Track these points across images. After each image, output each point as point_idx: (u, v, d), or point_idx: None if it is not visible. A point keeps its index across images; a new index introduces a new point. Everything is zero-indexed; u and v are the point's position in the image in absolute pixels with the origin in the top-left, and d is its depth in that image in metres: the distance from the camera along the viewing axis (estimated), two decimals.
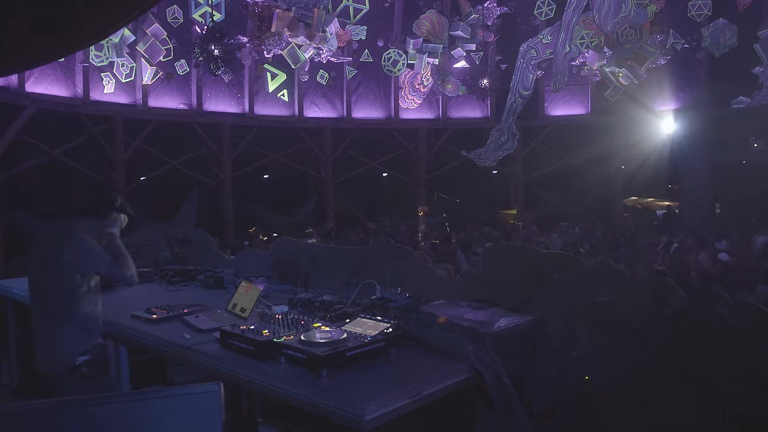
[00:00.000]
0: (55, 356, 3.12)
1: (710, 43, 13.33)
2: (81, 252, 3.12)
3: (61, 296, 3.13)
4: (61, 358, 3.09)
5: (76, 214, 3.29)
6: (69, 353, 3.08)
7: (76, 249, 3.12)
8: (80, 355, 3.08)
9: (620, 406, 2.80)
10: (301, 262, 4.33)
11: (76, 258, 3.11)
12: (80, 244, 3.13)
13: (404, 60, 14.88)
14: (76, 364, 3.07)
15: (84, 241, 3.14)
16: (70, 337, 3.11)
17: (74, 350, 3.08)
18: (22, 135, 10.98)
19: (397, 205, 17.15)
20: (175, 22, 12.83)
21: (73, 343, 3.10)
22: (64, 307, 3.12)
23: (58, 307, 3.13)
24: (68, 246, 3.12)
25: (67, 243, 3.13)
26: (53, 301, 3.15)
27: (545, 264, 3.17)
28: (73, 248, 3.12)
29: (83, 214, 3.28)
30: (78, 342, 3.11)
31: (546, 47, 14.83)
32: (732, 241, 10.26)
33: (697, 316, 2.71)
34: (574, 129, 15.23)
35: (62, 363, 3.09)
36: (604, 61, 14.26)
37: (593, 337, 2.91)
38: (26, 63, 3.07)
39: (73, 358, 3.07)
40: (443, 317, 2.81)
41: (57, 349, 3.12)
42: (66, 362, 3.08)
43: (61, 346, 3.11)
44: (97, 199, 3.37)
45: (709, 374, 2.59)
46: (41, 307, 3.22)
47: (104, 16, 1.81)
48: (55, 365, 3.12)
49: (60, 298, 3.13)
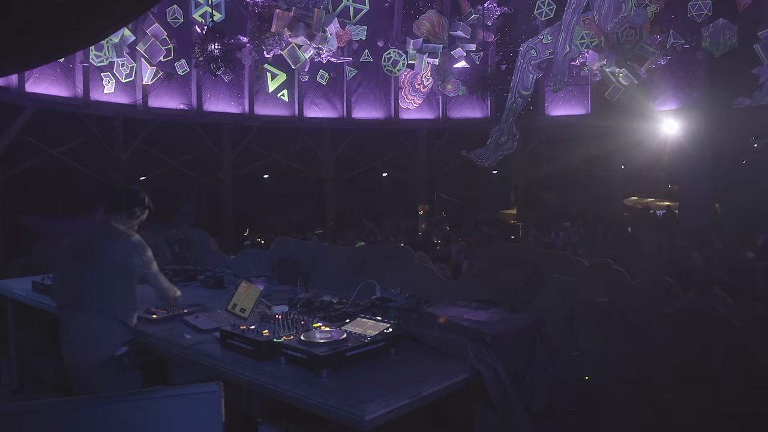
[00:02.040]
0: (91, 348, 3.16)
1: (710, 43, 13.32)
2: (132, 251, 3.23)
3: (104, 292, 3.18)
4: (99, 350, 3.14)
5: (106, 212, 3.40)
6: (109, 345, 3.13)
7: (126, 248, 3.22)
8: (120, 346, 3.14)
9: (620, 406, 2.80)
10: (301, 262, 4.33)
11: (126, 257, 3.21)
12: (130, 244, 3.24)
13: (404, 60, 14.88)
14: (117, 355, 3.12)
15: (133, 241, 3.26)
16: (111, 330, 3.16)
17: (115, 341, 3.15)
18: (22, 135, 10.98)
19: (397, 205, 17.15)
20: (175, 22, 12.83)
21: (113, 334, 3.16)
22: (107, 302, 3.17)
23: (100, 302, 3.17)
24: (117, 244, 3.22)
25: (115, 241, 3.23)
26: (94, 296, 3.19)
27: (545, 264, 3.17)
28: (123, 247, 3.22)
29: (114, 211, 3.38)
30: (118, 333, 3.17)
31: (546, 47, 14.82)
32: (730, 241, 10.25)
33: (697, 316, 2.71)
34: (574, 129, 15.22)
35: (100, 354, 3.13)
36: (604, 61, 14.26)
37: (593, 337, 2.91)
38: (26, 63, 3.07)
39: (114, 349, 3.12)
40: (443, 317, 2.81)
41: (96, 341, 3.16)
42: (104, 354, 3.12)
43: (100, 338, 3.16)
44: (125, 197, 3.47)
45: (709, 374, 2.59)
46: (76, 303, 3.25)
47: (104, 16, 1.81)
48: (90, 357, 3.15)
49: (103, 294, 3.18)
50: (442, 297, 3.21)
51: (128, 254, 3.22)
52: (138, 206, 3.44)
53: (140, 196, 3.47)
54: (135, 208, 3.42)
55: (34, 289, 4.42)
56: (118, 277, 3.20)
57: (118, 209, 3.39)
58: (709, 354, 2.61)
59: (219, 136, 14.37)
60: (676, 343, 2.70)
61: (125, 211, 3.39)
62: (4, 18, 1.72)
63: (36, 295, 4.37)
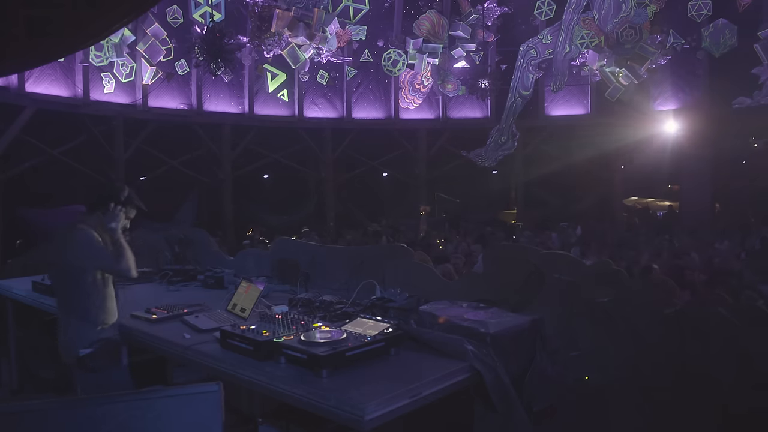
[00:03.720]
0: (65, 349, 3.21)
1: (710, 43, 13.33)
2: (81, 248, 3.15)
3: (69, 292, 3.20)
4: (69, 351, 3.17)
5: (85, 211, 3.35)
6: (73, 346, 3.14)
7: (77, 246, 3.15)
8: (83, 348, 3.12)
9: (620, 406, 2.80)
10: (301, 262, 4.33)
11: (76, 255, 3.15)
12: (80, 241, 3.15)
13: (404, 60, 14.88)
14: (80, 356, 3.10)
15: (83, 238, 3.15)
16: (75, 331, 3.17)
17: (78, 343, 3.13)
18: (22, 135, 10.98)
19: (397, 205, 17.15)
20: (175, 22, 12.84)
21: (77, 336, 3.15)
22: (71, 301, 3.19)
23: (67, 301, 3.22)
24: (70, 243, 3.17)
25: (69, 240, 3.18)
26: (63, 296, 3.25)
27: (545, 264, 3.17)
28: (74, 245, 3.15)
29: (90, 209, 3.32)
30: (82, 335, 3.15)
31: (546, 47, 14.83)
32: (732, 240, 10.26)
33: (696, 316, 2.71)
34: (574, 129, 15.22)
35: (70, 355, 3.17)
36: (604, 61, 14.26)
37: (593, 337, 2.91)
38: (26, 63, 3.07)
39: (77, 351, 3.11)
40: (443, 317, 2.81)
41: (67, 342, 3.19)
42: (71, 355, 3.15)
43: (68, 339, 3.18)
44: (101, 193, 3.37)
45: (709, 374, 2.59)
46: (58, 302, 3.32)
47: (104, 16, 1.81)
48: (66, 357, 3.21)
49: (68, 294, 3.21)
50: (442, 297, 3.21)
51: (77, 251, 3.12)
52: (112, 201, 3.23)
53: (114, 191, 3.29)
54: (109, 203, 3.22)
55: (34, 289, 4.42)
56: (74, 276, 3.14)
57: (92, 207, 3.27)
58: (709, 354, 2.61)
59: (219, 136, 14.37)
60: (675, 343, 2.70)
61: (99, 208, 3.24)
62: (4, 18, 1.72)
63: (36, 295, 4.37)
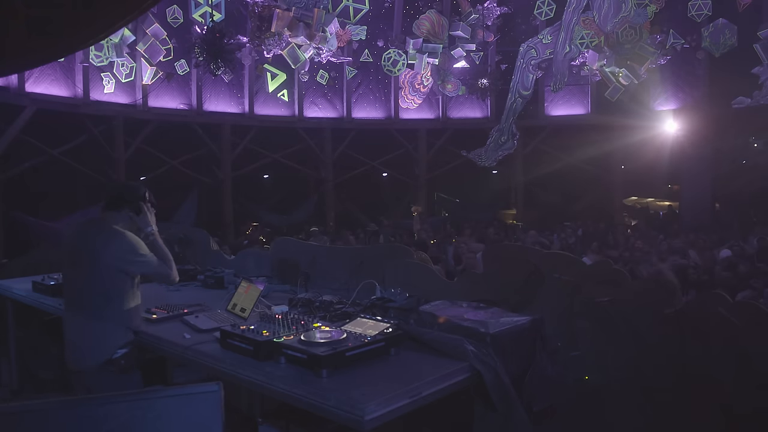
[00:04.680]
0: (91, 351, 3.06)
1: (710, 43, 13.33)
2: (126, 252, 3.04)
3: (101, 294, 3.04)
4: (97, 353, 3.03)
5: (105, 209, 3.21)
6: (108, 347, 3.03)
7: (119, 249, 3.03)
8: (119, 348, 3.05)
9: (620, 406, 2.80)
10: (301, 262, 4.33)
11: (120, 257, 3.03)
12: (124, 244, 3.04)
13: (404, 60, 14.89)
14: (114, 358, 3.02)
15: (127, 241, 3.05)
16: (108, 333, 3.05)
17: (113, 344, 3.04)
18: (22, 135, 10.99)
19: (397, 205, 17.15)
20: (175, 22, 12.84)
21: (111, 338, 3.04)
22: (104, 304, 3.04)
23: (96, 304, 3.05)
24: (110, 245, 3.03)
25: (107, 242, 3.04)
26: (90, 298, 3.07)
27: (545, 264, 3.17)
28: (117, 248, 3.03)
29: (114, 208, 3.19)
30: (117, 337, 3.06)
31: (546, 47, 14.84)
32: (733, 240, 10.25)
33: (697, 316, 2.71)
34: (574, 129, 15.23)
35: (98, 357, 3.03)
36: (604, 61, 14.26)
37: (593, 337, 2.91)
38: (26, 63, 3.07)
39: (112, 352, 3.02)
40: (443, 317, 2.80)
41: (93, 344, 3.05)
42: (101, 356, 3.02)
43: (98, 341, 3.05)
44: (126, 192, 3.27)
45: (709, 374, 2.59)
46: (76, 304, 3.15)
47: (104, 16, 1.82)
48: (89, 360, 3.06)
49: (99, 296, 3.05)
50: (442, 297, 3.21)
51: (123, 255, 3.05)
52: (141, 201, 3.22)
53: (141, 192, 3.26)
54: (139, 203, 3.20)
55: (34, 289, 4.41)
56: (114, 279, 3.06)
57: (116, 207, 3.19)
58: (709, 354, 2.60)
59: (219, 136, 14.38)
60: (675, 343, 2.70)
61: (127, 208, 3.19)
62: (4, 17, 1.72)
63: (36, 295, 4.36)
